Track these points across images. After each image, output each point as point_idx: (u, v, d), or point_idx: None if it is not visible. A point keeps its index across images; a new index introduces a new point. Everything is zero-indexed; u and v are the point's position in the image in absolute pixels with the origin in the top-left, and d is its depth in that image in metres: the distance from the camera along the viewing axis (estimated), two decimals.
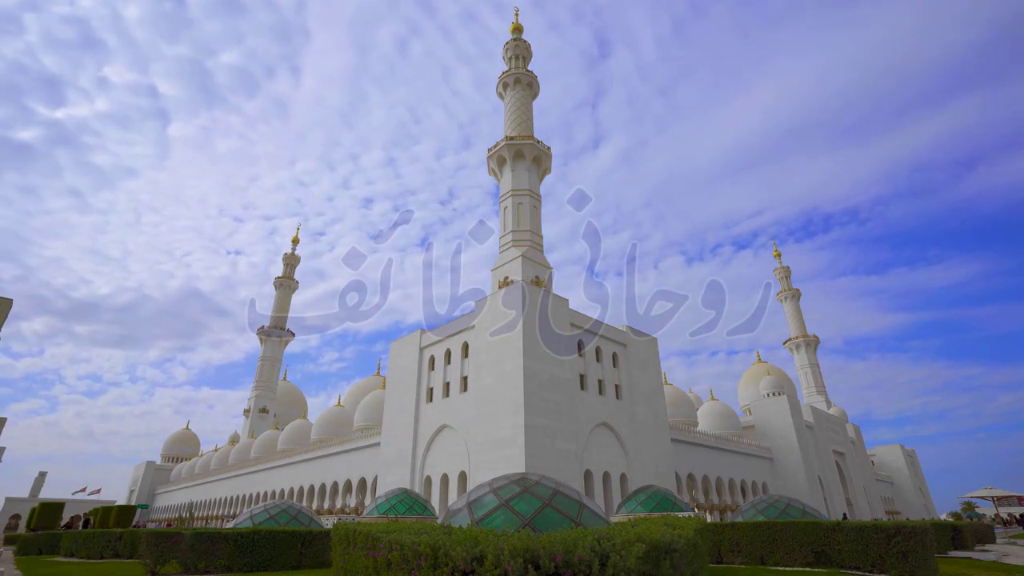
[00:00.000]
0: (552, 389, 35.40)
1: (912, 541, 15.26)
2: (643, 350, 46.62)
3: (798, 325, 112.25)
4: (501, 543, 6.13)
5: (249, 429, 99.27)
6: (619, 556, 5.97)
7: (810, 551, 17.10)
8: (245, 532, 17.30)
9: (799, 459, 63.31)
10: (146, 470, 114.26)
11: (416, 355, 44.85)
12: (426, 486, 39.81)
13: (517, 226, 49.79)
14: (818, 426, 72.97)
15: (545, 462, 32.52)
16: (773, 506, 21.53)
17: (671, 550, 6.88)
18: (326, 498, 55.70)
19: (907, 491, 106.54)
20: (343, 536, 9.90)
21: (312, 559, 18.24)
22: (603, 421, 39.43)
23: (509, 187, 51.54)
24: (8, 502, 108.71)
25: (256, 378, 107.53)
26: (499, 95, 60.49)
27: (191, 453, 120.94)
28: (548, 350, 36.16)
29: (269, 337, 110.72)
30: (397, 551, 7.08)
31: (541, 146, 53.67)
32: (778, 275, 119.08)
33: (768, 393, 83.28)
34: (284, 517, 21.31)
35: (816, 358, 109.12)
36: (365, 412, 59.23)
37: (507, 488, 11.17)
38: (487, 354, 37.18)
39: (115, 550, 25.93)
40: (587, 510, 10.78)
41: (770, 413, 67.88)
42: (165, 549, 17.10)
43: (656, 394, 46.24)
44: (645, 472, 40.88)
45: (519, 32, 62.29)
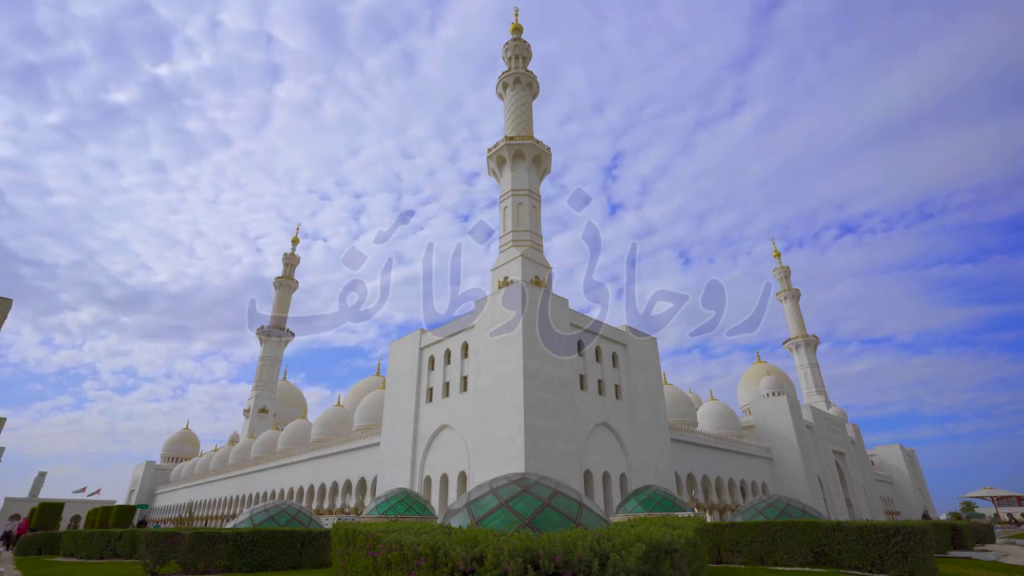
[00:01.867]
0: (552, 389, 35.40)
1: (912, 541, 15.26)
2: (643, 350, 46.63)
3: (798, 325, 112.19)
4: (501, 543, 6.13)
5: (249, 429, 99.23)
6: (619, 556, 5.97)
7: (810, 551, 17.10)
8: (245, 532, 17.29)
9: (799, 459, 63.32)
10: (146, 470, 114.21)
11: (416, 355, 44.85)
12: (426, 486, 39.81)
13: (517, 226, 49.82)
14: (818, 426, 72.98)
15: (545, 462, 32.52)
16: (773, 506, 21.55)
17: (671, 550, 6.88)
18: (326, 498, 55.68)
19: (907, 491, 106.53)
20: (343, 536, 9.90)
21: (312, 559, 18.24)
22: (603, 421, 39.44)
23: (509, 187, 51.58)
24: (8, 502, 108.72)
25: (256, 378, 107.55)
26: (499, 95, 60.47)
27: (191, 453, 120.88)
28: (548, 350, 36.16)
29: (269, 337, 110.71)
30: (397, 551, 7.08)
31: (541, 146, 53.72)
32: (777, 275, 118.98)
33: (768, 393, 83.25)
34: (284, 517, 21.31)
35: (816, 358, 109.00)
36: (365, 412, 59.21)
37: (507, 488, 11.16)
38: (487, 354, 37.19)
39: (115, 550, 25.93)
40: (587, 510, 10.78)
41: (770, 413, 67.89)
42: (165, 549, 17.11)
43: (656, 394, 46.25)
44: (645, 472, 40.88)
45: (519, 32, 62.26)
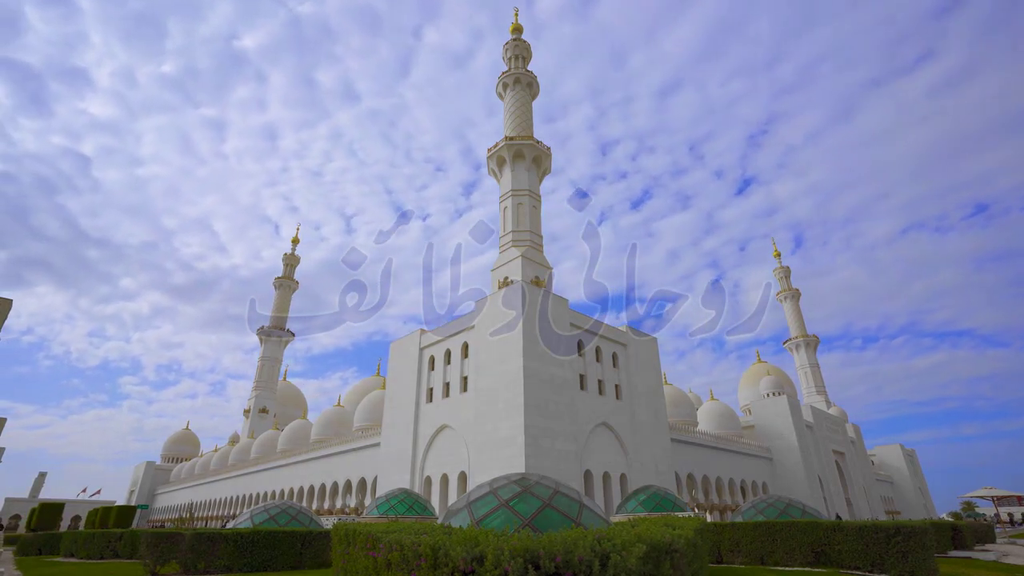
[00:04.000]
0: (552, 389, 35.38)
1: (912, 541, 15.27)
2: (643, 350, 46.62)
3: (798, 325, 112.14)
4: (501, 543, 6.13)
5: (249, 429, 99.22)
6: (619, 556, 5.97)
7: (810, 551, 17.10)
8: (245, 532, 17.30)
9: (799, 459, 63.29)
10: (146, 470, 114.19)
11: (416, 355, 44.83)
12: (426, 486, 39.80)
13: (517, 226, 49.83)
14: (818, 426, 72.95)
15: (545, 462, 32.51)
16: (773, 506, 21.56)
17: (671, 550, 6.88)
18: (326, 498, 55.67)
19: (907, 491, 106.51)
20: (343, 536, 9.89)
21: (312, 559, 18.25)
22: (603, 421, 39.42)
23: (509, 187, 51.58)
24: (8, 502, 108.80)
25: (256, 378, 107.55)
26: (499, 95, 60.47)
27: (191, 453, 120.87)
28: (548, 350, 36.15)
29: (269, 337, 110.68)
30: (397, 551, 7.07)
31: (541, 146, 53.74)
32: (777, 275, 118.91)
33: (768, 393, 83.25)
34: (284, 517, 21.33)
35: (816, 358, 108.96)
36: (365, 412, 59.18)
37: (507, 488, 11.16)
38: (487, 354, 37.18)
39: (115, 550, 25.94)
40: (587, 510, 10.77)
41: (770, 413, 67.85)
42: (165, 549, 17.12)
43: (656, 394, 46.24)
44: (645, 472, 40.87)
45: (519, 32, 62.25)
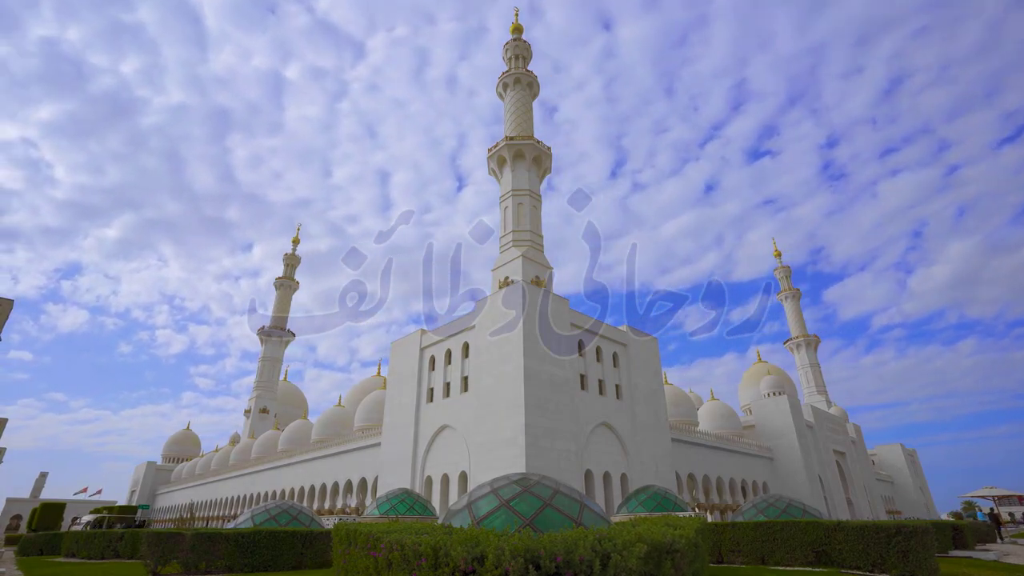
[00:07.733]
0: (552, 389, 35.39)
1: (913, 541, 15.26)
2: (643, 350, 46.62)
3: (798, 325, 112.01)
4: (502, 543, 6.13)
5: (249, 429, 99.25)
6: (620, 556, 5.97)
7: (811, 551, 17.10)
8: (246, 532, 17.31)
9: (799, 459, 63.27)
10: (147, 470, 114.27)
11: (416, 355, 44.85)
12: (426, 486, 39.81)
13: (517, 226, 49.83)
14: (818, 426, 72.91)
15: (545, 462, 32.52)
16: (773, 506, 21.56)
17: (672, 550, 6.88)
18: (327, 498, 55.69)
19: (908, 491, 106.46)
20: (344, 536, 9.90)
21: (313, 559, 18.25)
22: (603, 421, 39.43)
23: (509, 187, 51.57)
24: (9, 503, 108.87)
25: (256, 378, 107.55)
26: (499, 95, 60.47)
27: (192, 453, 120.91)
28: (548, 350, 36.16)
29: (269, 338, 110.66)
30: (398, 551, 7.08)
31: (541, 146, 53.74)
32: (778, 275, 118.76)
33: (768, 393, 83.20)
34: (285, 517, 21.34)
35: (816, 358, 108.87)
36: (365, 412, 59.19)
37: (507, 488, 11.16)
38: (487, 354, 37.19)
39: (116, 550, 25.96)
40: (588, 510, 10.77)
41: (770, 413, 67.81)
42: (166, 549, 17.12)
43: (656, 394, 46.23)
44: (645, 472, 40.87)
45: (519, 32, 62.24)
